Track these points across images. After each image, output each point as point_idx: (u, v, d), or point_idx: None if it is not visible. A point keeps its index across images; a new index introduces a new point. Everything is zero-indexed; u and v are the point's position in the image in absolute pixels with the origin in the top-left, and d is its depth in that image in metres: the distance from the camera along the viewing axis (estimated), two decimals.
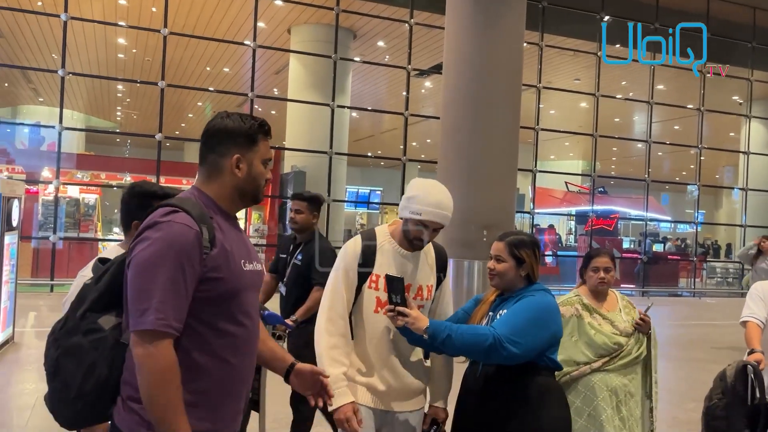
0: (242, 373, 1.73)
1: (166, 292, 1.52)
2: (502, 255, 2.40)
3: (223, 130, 1.73)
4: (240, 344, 1.70)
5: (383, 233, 2.41)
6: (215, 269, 1.61)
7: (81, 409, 1.61)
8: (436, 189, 2.35)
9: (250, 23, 12.82)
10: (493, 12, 8.21)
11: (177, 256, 1.55)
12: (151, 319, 1.51)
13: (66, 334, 1.63)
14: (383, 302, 2.29)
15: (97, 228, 13.47)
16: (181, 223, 1.58)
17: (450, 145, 8.46)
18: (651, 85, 15.43)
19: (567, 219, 22.92)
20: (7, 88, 19.97)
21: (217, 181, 1.74)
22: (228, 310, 1.67)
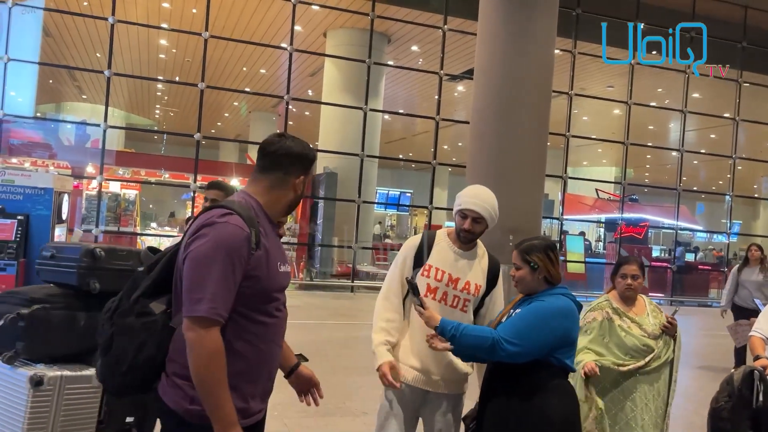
0: (271, 359, 1.97)
1: (218, 284, 1.73)
2: (518, 262, 2.56)
3: (293, 153, 1.99)
4: (271, 333, 1.93)
5: (442, 233, 2.78)
6: (257, 268, 1.83)
7: (130, 380, 1.86)
8: (477, 186, 2.76)
9: (287, 27, 13.16)
10: (525, 19, 8.33)
11: (229, 253, 1.76)
12: (205, 308, 1.72)
13: (120, 315, 1.87)
14: (432, 288, 2.66)
15: (136, 222, 13.96)
16: (235, 225, 1.79)
17: (479, 150, 8.61)
18: (685, 93, 15.31)
19: (596, 226, 22.77)
20: (53, 85, 20.71)
21: (276, 194, 1.98)
22: (263, 304, 1.88)
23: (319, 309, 10.58)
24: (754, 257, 7.26)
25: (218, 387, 1.73)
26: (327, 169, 14.42)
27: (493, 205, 2.66)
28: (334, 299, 12.19)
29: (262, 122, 22.93)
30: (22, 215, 6.36)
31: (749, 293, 7.10)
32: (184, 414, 1.80)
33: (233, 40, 14.25)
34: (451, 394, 2.70)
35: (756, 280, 7.15)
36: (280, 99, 14.43)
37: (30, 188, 6.44)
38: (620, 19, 13.13)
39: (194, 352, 1.73)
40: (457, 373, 2.70)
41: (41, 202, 6.46)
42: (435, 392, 2.67)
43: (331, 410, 5.06)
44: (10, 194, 6.41)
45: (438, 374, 2.66)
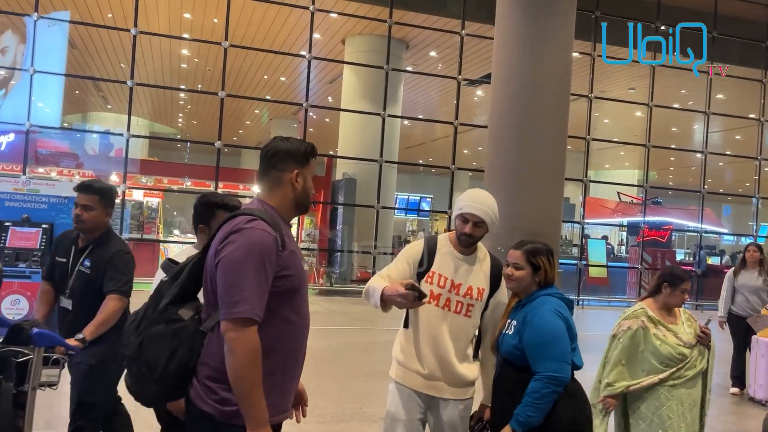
0: (300, 356, 2.05)
1: (252, 286, 1.81)
2: (520, 262, 2.61)
3: (285, 150, 2.05)
4: (300, 331, 2.01)
5: (444, 238, 2.77)
6: (286, 268, 1.91)
7: (164, 388, 1.91)
8: (477, 190, 2.75)
9: (306, 35, 13.27)
10: (542, 23, 8.31)
11: (260, 256, 1.84)
12: (244, 309, 1.79)
13: (149, 324, 1.92)
14: (435, 294, 2.65)
15: (158, 230, 14.16)
16: (262, 230, 1.88)
17: (497, 154, 8.59)
18: (708, 94, 15.09)
19: (618, 230, 22.51)
20: (79, 95, 21.13)
21: (279, 194, 2.04)
22: (292, 303, 1.96)
23: (339, 314, 10.62)
24: (753, 259, 6.49)
25: (256, 386, 1.80)
26: (346, 175, 14.49)
27: (494, 208, 2.68)
28: (353, 305, 12.21)
29: (282, 129, 23.11)
30: (47, 224, 6.50)
31: (745, 299, 6.43)
32: (218, 416, 1.86)
33: (253, 49, 14.41)
34: (458, 399, 2.69)
35: (754, 284, 6.42)
36: (299, 106, 14.54)
37: (54, 197, 6.59)
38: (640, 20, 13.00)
39: (234, 352, 1.79)
40: (463, 379, 2.69)
41: (65, 211, 6.60)
42: (441, 398, 2.67)
43: (349, 415, 5.08)
44: (35, 203, 6.56)
45: (444, 380, 2.66)
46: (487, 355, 2.76)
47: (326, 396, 5.52)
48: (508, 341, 2.56)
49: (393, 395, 2.71)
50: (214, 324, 1.88)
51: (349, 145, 14.75)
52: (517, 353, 2.51)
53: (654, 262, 15.17)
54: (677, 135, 21.27)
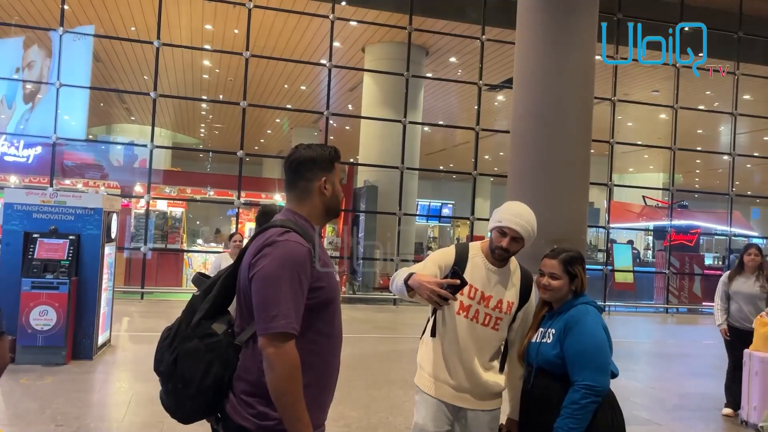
0: (335, 368, 2.01)
1: (289, 299, 1.79)
2: (557, 272, 2.56)
3: (309, 158, 2.01)
4: (334, 344, 1.98)
5: (475, 248, 2.67)
6: (320, 279, 1.89)
7: (199, 404, 1.89)
8: (518, 204, 2.65)
9: (326, 44, 13.32)
10: (564, 26, 8.22)
11: (295, 269, 1.82)
12: (282, 323, 1.77)
13: (182, 340, 1.90)
14: (465, 306, 2.57)
15: (182, 239, 14.28)
16: (295, 242, 1.85)
17: (520, 160, 8.50)
18: (735, 95, 14.82)
19: (645, 234, 22.16)
20: (103, 108, 21.49)
21: (309, 203, 2.01)
22: (327, 314, 1.94)
23: (362, 322, 10.58)
24: (753, 263, 5.69)
25: (298, 400, 1.79)
26: (367, 182, 14.48)
27: (534, 225, 2.60)
28: (376, 312, 12.17)
29: (303, 138, 23.23)
30: (74, 235, 6.59)
31: (738, 308, 5.67)
32: (256, 430, 1.84)
33: (274, 59, 14.51)
34: (486, 410, 2.64)
35: (750, 291, 5.64)
36: (320, 115, 14.60)
37: (81, 209, 6.67)
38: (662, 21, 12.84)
39: (274, 367, 1.77)
40: (491, 389, 2.64)
41: (91, 222, 6.68)
42: (469, 409, 2.62)
43: (375, 425, 5.03)
44: (62, 215, 6.65)
45: (471, 391, 2.60)
46: (513, 367, 2.70)
47: (352, 405, 5.48)
48: (546, 351, 2.50)
49: (421, 406, 2.65)
50: (249, 337, 1.87)
51: (369, 153, 14.76)
52: (558, 362, 2.46)
53: (681, 266, 14.89)
54: (703, 137, 20.93)
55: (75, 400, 5.29)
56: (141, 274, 11.97)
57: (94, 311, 6.72)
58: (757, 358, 5.17)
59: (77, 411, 5.01)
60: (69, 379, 5.90)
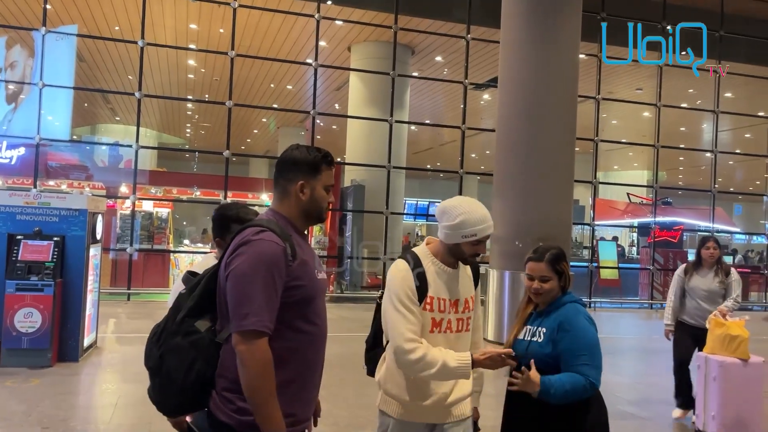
0: (316, 365, 2.03)
1: (261, 298, 1.82)
2: (547, 274, 2.55)
3: (292, 159, 2.05)
4: (314, 341, 2.00)
5: (424, 255, 2.43)
6: (297, 278, 1.91)
7: (183, 399, 1.93)
8: (474, 205, 2.41)
9: (311, 43, 13.31)
10: (548, 26, 8.29)
11: (268, 267, 1.84)
12: (253, 321, 1.80)
13: (168, 336, 1.94)
14: (437, 321, 2.36)
15: (169, 240, 14.20)
16: (270, 240, 1.87)
17: (505, 159, 8.57)
18: (716, 93, 15.01)
19: (629, 231, 22.39)
20: (87, 108, 21.30)
21: (287, 204, 2.04)
22: (305, 313, 1.95)
23: (351, 321, 10.59)
24: (711, 258, 5.32)
25: (269, 397, 1.81)
26: (354, 181, 14.49)
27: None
28: (365, 311, 12.16)
29: (290, 137, 23.18)
30: (58, 236, 6.54)
31: (696, 306, 5.32)
32: (237, 426, 1.87)
33: (259, 58, 14.47)
34: (466, 419, 2.51)
35: (709, 288, 5.28)
36: (307, 114, 14.58)
37: (65, 210, 6.62)
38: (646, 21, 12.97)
39: (245, 364, 1.80)
40: (466, 397, 2.50)
41: (76, 223, 6.64)
42: (446, 423, 2.44)
43: (363, 424, 5.06)
44: (47, 216, 6.60)
45: (452, 403, 2.44)
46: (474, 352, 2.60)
47: (340, 403, 5.49)
48: (537, 350, 2.49)
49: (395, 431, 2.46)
50: (228, 335, 1.89)
51: (356, 152, 14.77)
52: (549, 361, 2.45)
53: (665, 262, 15.06)
54: (686, 135, 21.16)
55: (61, 402, 5.26)
56: (127, 275, 11.89)
57: (79, 313, 6.68)
58: (714, 362, 4.68)
59: (64, 413, 4.98)
60: (55, 382, 5.86)
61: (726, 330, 4.63)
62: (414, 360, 2.24)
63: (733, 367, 4.58)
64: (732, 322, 4.67)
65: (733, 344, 4.60)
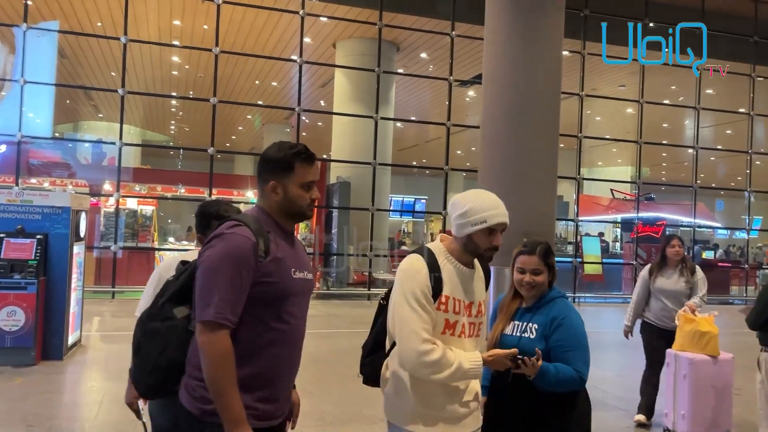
0: (288, 362, 2.03)
1: (224, 290, 1.84)
2: (539, 267, 2.55)
3: (265, 159, 2.05)
4: (286, 338, 2.00)
5: (440, 250, 2.26)
6: (267, 275, 1.91)
7: (154, 381, 1.99)
8: (485, 194, 2.30)
9: (296, 39, 13.29)
10: (531, 23, 8.34)
11: (236, 261, 1.86)
12: (212, 312, 1.82)
13: (147, 320, 2.01)
14: (451, 323, 2.19)
15: (153, 238, 14.12)
16: (242, 235, 1.90)
17: (489, 155, 8.61)
18: (698, 89, 15.20)
19: (613, 226, 22.61)
20: (69, 105, 21.07)
21: (266, 202, 2.05)
22: (277, 310, 1.96)
23: (337, 318, 10.62)
24: (676, 256, 5.15)
25: (227, 387, 1.82)
26: (340, 178, 14.50)
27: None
28: (351, 308, 12.22)
29: (275, 134, 23.10)
30: (41, 234, 6.50)
31: (662, 306, 5.14)
32: (199, 414, 1.90)
33: (244, 55, 14.42)
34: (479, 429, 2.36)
35: (674, 288, 5.11)
36: (292, 111, 14.55)
37: (48, 207, 6.58)
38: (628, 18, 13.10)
39: (204, 354, 1.84)
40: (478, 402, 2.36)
41: (59, 221, 6.60)
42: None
43: (349, 417, 5.09)
44: (29, 214, 6.55)
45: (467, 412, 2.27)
46: None
47: (326, 399, 5.52)
48: (529, 345, 2.44)
49: None
50: None
51: (342, 149, 14.77)
52: (542, 357, 2.41)
53: (648, 257, 15.24)
54: (669, 131, 21.39)
55: (46, 400, 5.24)
56: (112, 273, 11.82)
57: (63, 311, 6.64)
58: (684, 360, 4.52)
59: (48, 411, 4.96)
60: (39, 380, 5.83)
61: (696, 326, 4.53)
62: (431, 362, 2.07)
63: (703, 365, 4.49)
64: (701, 318, 4.57)
65: (702, 341, 4.50)
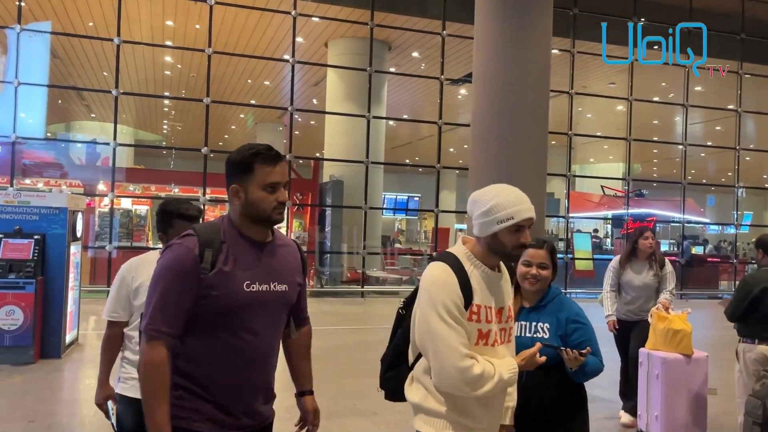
0: (245, 375, 1.94)
1: (159, 303, 1.84)
2: (546, 262, 2.60)
3: (227, 162, 1.96)
4: (240, 353, 1.91)
5: (465, 255, 2.09)
6: (210, 287, 1.85)
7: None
8: (507, 188, 2.11)
9: (289, 39, 13.37)
10: (520, 23, 8.46)
11: (173, 274, 1.84)
12: (145, 324, 1.85)
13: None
14: (484, 333, 2.04)
15: (148, 237, 14.20)
16: (186, 247, 1.86)
17: (480, 154, 8.73)
18: (686, 87, 15.39)
19: (603, 223, 22.82)
20: (62, 105, 21.06)
21: (232, 207, 1.98)
22: (230, 323, 1.89)
23: (331, 315, 10.73)
24: (649, 248, 5.04)
25: (152, 397, 1.82)
26: (333, 177, 14.60)
27: None
28: (344, 305, 12.33)
29: (268, 133, 23.18)
30: (39, 234, 6.58)
31: (631, 300, 5.07)
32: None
33: (236, 55, 14.49)
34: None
35: (643, 281, 5.02)
36: (285, 110, 14.64)
37: (45, 208, 6.66)
38: (617, 16, 13.27)
39: (140, 362, 1.86)
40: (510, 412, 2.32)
41: (56, 221, 6.68)
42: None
43: (342, 411, 5.21)
44: (27, 215, 6.64)
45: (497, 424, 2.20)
46: None
47: (321, 394, 5.58)
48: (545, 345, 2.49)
49: None
50: None
51: (335, 147, 14.87)
52: (556, 356, 2.42)
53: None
54: (660, 127, 21.59)
55: (45, 397, 5.34)
56: (107, 272, 11.89)
57: (61, 310, 6.73)
58: (657, 359, 4.40)
59: (48, 408, 5.06)
60: (38, 378, 5.93)
61: (669, 324, 4.42)
62: (474, 377, 1.94)
63: (676, 364, 4.36)
64: (675, 316, 4.47)
65: (675, 339, 4.38)
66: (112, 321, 2.78)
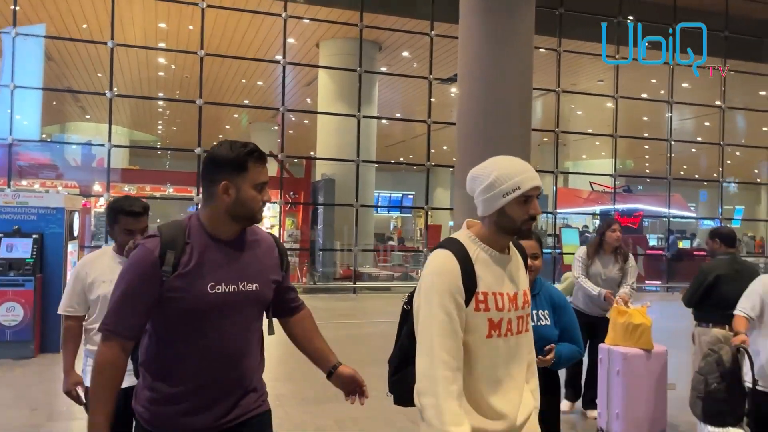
0: (213, 379, 1.91)
1: (116, 303, 1.85)
2: (537, 251, 2.73)
3: (214, 158, 1.89)
4: (209, 354, 1.89)
5: (469, 239, 1.91)
6: (172, 290, 1.82)
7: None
8: (508, 158, 1.93)
9: (280, 40, 13.58)
10: (503, 24, 8.69)
11: (133, 275, 1.85)
12: (101, 322, 1.87)
13: None
14: (496, 323, 1.85)
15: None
16: (148, 248, 1.84)
17: (465, 152, 8.97)
18: (671, 83, 15.67)
19: (592, 218, 23.10)
20: (57, 106, 21.19)
21: (210, 206, 1.91)
22: (195, 325, 1.87)
23: (323, 311, 10.96)
24: (616, 241, 4.99)
25: (95, 395, 1.82)
26: (325, 175, 14.83)
27: None
28: (337, 301, 12.57)
29: (262, 133, 23.39)
30: (37, 234, 6.81)
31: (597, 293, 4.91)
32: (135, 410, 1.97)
33: (228, 57, 14.68)
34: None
35: (609, 275, 4.98)
36: (277, 110, 14.86)
37: (43, 208, 6.90)
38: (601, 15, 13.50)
39: (94, 359, 1.89)
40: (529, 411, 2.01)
41: (54, 221, 6.92)
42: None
43: (330, 397, 5.42)
44: (25, 215, 6.87)
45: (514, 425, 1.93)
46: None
47: (309, 381, 5.87)
48: (549, 333, 2.68)
49: None
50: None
51: (327, 146, 15.10)
52: (556, 340, 2.65)
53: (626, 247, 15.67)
54: (648, 124, 21.85)
55: (46, 388, 5.58)
56: None
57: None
58: (618, 355, 4.28)
59: (49, 398, 5.30)
60: (39, 371, 6.17)
61: (628, 318, 4.33)
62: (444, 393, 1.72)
63: (637, 359, 4.26)
64: (634, 310, 4.37)
65: (635, 333, 4.29)
66: (67, 315, 2.92)
